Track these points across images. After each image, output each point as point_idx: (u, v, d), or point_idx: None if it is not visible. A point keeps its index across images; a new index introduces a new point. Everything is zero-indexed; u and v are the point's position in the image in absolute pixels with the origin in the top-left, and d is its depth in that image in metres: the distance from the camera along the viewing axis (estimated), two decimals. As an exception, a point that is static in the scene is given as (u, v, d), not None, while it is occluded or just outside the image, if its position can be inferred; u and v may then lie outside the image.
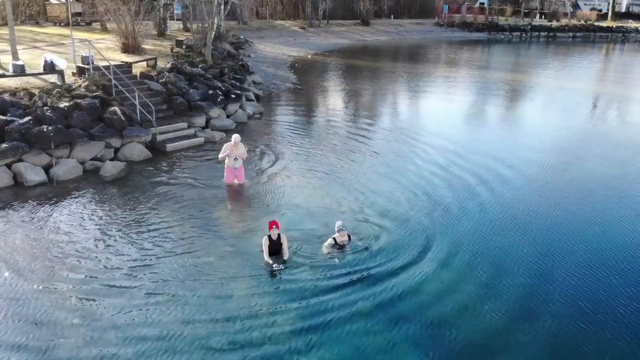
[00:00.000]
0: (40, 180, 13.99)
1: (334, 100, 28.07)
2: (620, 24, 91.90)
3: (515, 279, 9.87)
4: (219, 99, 20.85)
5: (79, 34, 32.16)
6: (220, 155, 13.97)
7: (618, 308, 9.02)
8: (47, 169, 14.33)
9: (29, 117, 14.91)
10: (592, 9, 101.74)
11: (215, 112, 20.16)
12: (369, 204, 13.13)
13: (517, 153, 18.31)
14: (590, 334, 8.29)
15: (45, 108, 15.42)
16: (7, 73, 18.01)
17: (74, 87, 17.75)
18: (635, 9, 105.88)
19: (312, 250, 10.56)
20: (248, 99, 23.93)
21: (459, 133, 21.46)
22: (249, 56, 38.06)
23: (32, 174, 13.96)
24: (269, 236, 10.14)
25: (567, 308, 8.96)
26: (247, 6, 54.79)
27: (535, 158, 17.69)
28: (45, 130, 14.53)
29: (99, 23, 37.62)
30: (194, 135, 18.16)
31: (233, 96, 21.90)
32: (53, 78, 18.53)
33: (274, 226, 10.15)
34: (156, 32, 34.83)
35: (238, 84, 24.24)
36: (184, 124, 18.49)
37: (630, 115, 27.20)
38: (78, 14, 44.92)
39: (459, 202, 13.40)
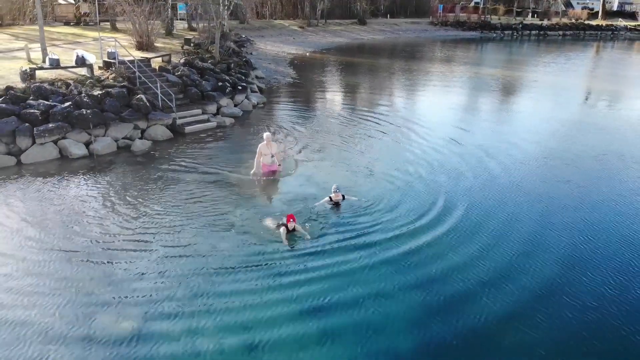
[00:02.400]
0: (82, 154, 16.75)
1: (330, 92, 30.87)
2: (610, 23, 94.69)
3: (503, 238, 11.90)
4: (227, 90, 23.61)
5: (89, 34, 34.98)
6: (256, 159, 14.67)
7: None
8: (87, 145, 17.07)
9: (69, 103, 17.61)
10: (584, 8, 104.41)
11: (224, 101, 22.88)
12: (364, 174, 15.82)
13: (506, 132, 21.23)
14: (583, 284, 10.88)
15: (82, 95, 18.13)
16: (44, 66, 20.69)
17: (102, 78, 20.45)
18: (627, 8, 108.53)
19: (315, 216, 12.53)
20: (252, 91, 26.66)
21: (452, 118, 24.32)
22: (251, 54, 40.68)
23: (76, 148, 16.70)
24: (286, 226, 11.31)
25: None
26: (248, 6, 57.32)
27: (523, 139, 20.50)
28: (84, 113, 17.25)
29: (108, 23, 40.06)
30: (208, 120, 20.91)
31: (240, 88, 24.67)
32: (83, 71, 21.21)
33: (291, 219, 11.34)
34: (164, 32, 37.49)
35: (243, 77, 27.00)
36: (199, 111, 21.22)
37: (612, 105, 29.91)
38: (86, 14, 47.51)
39: (453, 175, 15.80)
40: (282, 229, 11.30)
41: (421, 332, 8.41)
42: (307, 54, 49.83)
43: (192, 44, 31.96)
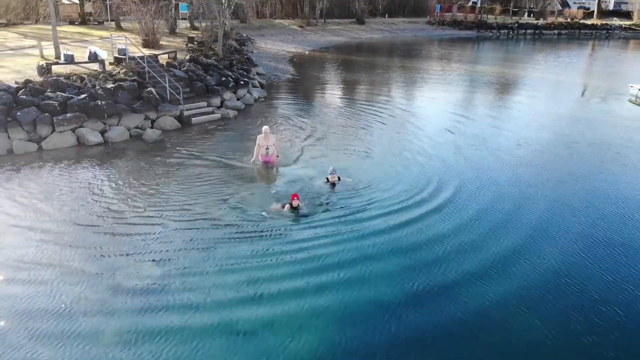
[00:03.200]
0: (98, 141, 18.20)
1: (328, 87, 32.33)
2: (605, 22, 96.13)
3: (491, 213, 13.53)
4: (230, 85, 25.05)
5: (95, 32, 36.42)
6: (255, 150, 15.83)
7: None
8: (102, 133, 18.51)
9: (85, 95, 19.04)
10: (580, 8, 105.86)
11: (227, 95, 24.32)
12: (360, 158, 17.35)
13: (498, 123, 22.70)
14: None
15: (97, 88, 19.56)
16: (60, 61, 22.13)
17: (114, 73, 21.87)
18: (623, 7, 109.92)
19: (314, 195, 13.86)
20: (254, 86, 28.10)
21: (447, 110, 25.70)
22: (252, 52, 42.10)
23: (92, 136, 18.14)
24: (291, 204, 12.56)
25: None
26: (249, 6, 58.73)
27: (513, 129, 21.97)
28: (99, 104, 18.69)
29: (112, 22, 41.41)
30: (212, 112, 22.36)
31: (242, 83, 26.13)
32: (95, 66, 22.63)
33: (295, 198, 12.59)
34: (168, 31, 38.91)
35: (245, 73, 28.45)
36: (204, 103, 22.66)
37: (595, 99, 31.38)
38: (89, 14, 48.88)
39: (446, 161, 17.21)
40: (287, 206, 12.58)
41: (411, 297, 9.52)
42: (306, 52, 51.24)
43: (195, 42, 33.38)
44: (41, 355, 7.81)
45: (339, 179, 14.74)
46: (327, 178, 14.68)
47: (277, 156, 16.29)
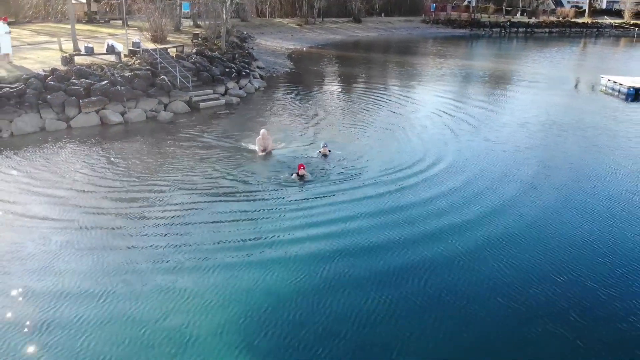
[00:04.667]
0: (119, 121, 20.80)
1: (324, 79, 34.95)
2: (596, 20, 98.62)
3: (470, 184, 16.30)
4: (233, 75, 27.62)
5: (103, 30, 39.00)
6: (256, 149, 17.31)
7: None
8: (122, 114, 21.07)
9: (106, 81, 21.60)
10: (573, 7, 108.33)
11: (231, 84, 26.89)
12: (352, 135, 19.95)
13: (487, 110, 25.16)
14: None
15: (116, 75, 22.11)
16: (81, 53, 24.70)
17: (129, 63, 24.42)
18: (615, 6, 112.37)
19: (313, 166, 16.01)
20: (254, 77, 30.68)
21: (439, 98, 28.31)
22: (252, 48, 44.56)
23: (113, 117, 20.73)
24: (297, 173, 14.63)
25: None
26: (249, 5, 61.19)
27: (501, 114, 24.46)
28: (119, 89, 21.26)
29: (118, 20, 43.89)
30: (218, 99, 24.95)
31: (244, 74, 28.73)
32: (112, 57, 25.18)
33: (302, 167, 14.68)
34: (173, 28, 41.43)
35: (246, 66, 31.04)
36: (210, 91, 25.24)
37: (577, 90, 33.94)
38: (94, 13, 51.34)
39: (435, 140, 19.49)
40: (294, 175, 14.81)
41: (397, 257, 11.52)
42: (304, 49, 53.77)
43: (200, 38, 35.91)
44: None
45: (329, 151, 17.24)
46: (319, 151, 17.20)
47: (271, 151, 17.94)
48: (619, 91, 31.65)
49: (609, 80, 33.44)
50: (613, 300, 9.49)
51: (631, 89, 30.79)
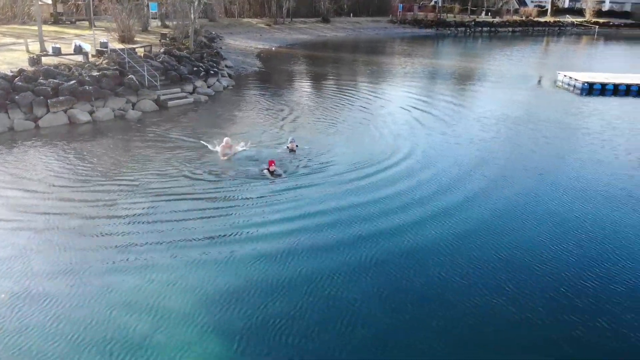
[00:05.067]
0: (87, 120, 21.11)
1: (292, 78, 35.64)
2: (558, 19, 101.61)
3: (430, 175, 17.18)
4: (201, 74, 28.09)
5: (69, 31, 38.93)
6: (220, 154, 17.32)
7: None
8: (90, 113, 21.39)
9: (74, 81, 21.87)
10: (536, 6, 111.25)
11: (199, 82, 27.36)
12: (318, 132, 20.70)
13: (448, 104, 26.06)
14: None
15: (84, 75, 22.39)
16: (49, 53, 24.85)
17: (97, 63, 24.69)
18: (577, 5, 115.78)
19: (281, 161, 16.64)
20: (223, 76, 31.17)
21: (404, 95, 29.32)
22: (221, 48, 44.91)
23: (81, 116, 21.03)
24: (269, 169, 15.30)
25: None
26: (217, 5, 61.40)
27: (462, 109, 25.44)
28: (87, 88, 21.57)
29: (85, 21, 43.81)
30: (186, 97, 25.41)
31: (212, 72, 29.21)
32: (79, 58, 25.38)
33: (272, 163, 15.30)
34: (141, 28, 41.55)
35: (214, 65, 31.50)
36: (178, 89, 25.67)
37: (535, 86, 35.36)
38: (60, 14, 50.99)
39: (401, 135, 20.43)
40: (266, 171, 15.39)
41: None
42: (273, 48, 54.29)
43: (168, 38, 36.19)
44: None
45: (297, 146, 17.90)
46: (287, 146, 17.86)
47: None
48: (574, 86, 33.19)
49: (565, 76, 34.99)
50: (560, 280, 10.42)
51: (585, 84, 32.34)
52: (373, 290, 9.73)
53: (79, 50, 25.09)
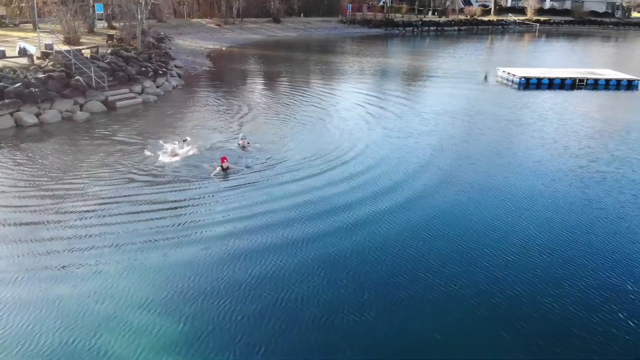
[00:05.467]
0: (34, 122, 21.09)
1: (241, 77, 36.18)
2: (501, 18, 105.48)
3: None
4: (149, 74, 28.27)
5: (13, 33, 38.20)
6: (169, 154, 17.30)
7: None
8: (37, 115, 21.35)
9: (20, 84, 21.76)
10: (481, 5, 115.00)
11: (147, 83, 27.55)
12: (268, 128, 21.40)
13: (398, 101, 27.10)
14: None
15: (30, 77, 22.30)
16: (-9, 56, 24.57)
17: (42, 65, 24.56)
18: (519, 4, 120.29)
19: (235, 157, 17.19)
20: (172, 76, 31.40)
21: (354, 92, 30.28)
22: (170, 48, 44.87)
23: (28, 118, 20.99)
24: (221, 166, 15.47)
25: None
26: (166, 5, 60.95)
27: (411, 104, 26.50)
28: (33, 91, 21.52)
29: (28, 24, 42.99)
30: (134, 97, 25.63)
31: (160, 73, 29.44)
32: (24, 60, 25.17)
33: (225, 160, 15.63)
34: (87, 30, 41.11)
35: (163, 65, 31.71)
36: (126, 90, 25.82)
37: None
38: (3, 17, 49.73)
39: (352, 131, 21.20)
40: (218, 168, 15.59)
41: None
42: (224, 48, 54.47)
43: (115, 39, 36.03)
44: None
45: (248, 143, 18.49)
46: (239, 143, 18.45)
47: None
48: (512, 81, 35.02)
49: (503, 71, 36.83)
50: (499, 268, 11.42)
51: (522, 79, 34.22)
52: (323, 283, 10.11)
53: (23, 52, 24.89)
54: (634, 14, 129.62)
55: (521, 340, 8.66)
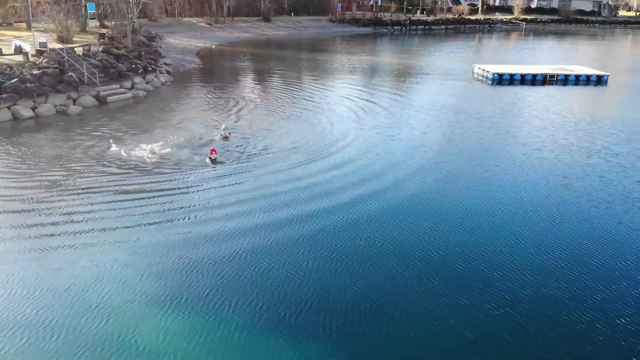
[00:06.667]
0: (30, 115, 22.58)
1: (230, 74, 37.66)
2: (488, 17, 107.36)
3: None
4: (139, 71, 29.78)
5: (7, 32, 39.55)
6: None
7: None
8: (33, 109, 22.83)
9: (16, 79, 23.22)
10: (469, 4, 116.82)
11: (137, 79, 29.06)
12: (252, 120, 22.99)
13: (385, 97, 28.67)
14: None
15: (25, 74, 23.77)
16: (-12, 54, 26.01)
17: (37, 62, 26.02)
18: (507, 3, 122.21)
19: (222, 150, 18.38)
20: (161, 72, 32.91)
21: (344, 88, 31.89)
22: (161, 47, 46.27)
23: (24, 112, 22.48)
24: (210, 157, 16.86)
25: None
26: (157, 4, 62.29)
27: (398, 99, 28.09)
28: (29, 86, 22.99)
29: (22, 23, 44.38)
30: (124, 93, 27.14)
31: (150, 69, 30.94)
32: (19, 57, 26.61)
33: (214, 152, 16.99)
34: (79, 29, 42.48)
35: (153, 62, 33.19)
36: (117, 85, 27.32)
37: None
38: (-4, 16, 50.97)
39: (336, 124, 22.71)
40: (208, 159, 16.94)
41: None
42: (214, 46, 55.92)
43: (106, 38, 37.46)
44: None
45: (230, 134, 19.99)
46: (221, 134, 19.96)
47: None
48: (487, 77, 36.70)
49: (479, 68, 38.53)
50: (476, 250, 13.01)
51: (495, 75, 35.91)
52: (309, 268, 10.80)
53: (19, 50, 26.33)
54: (621, 13, 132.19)
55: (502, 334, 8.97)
